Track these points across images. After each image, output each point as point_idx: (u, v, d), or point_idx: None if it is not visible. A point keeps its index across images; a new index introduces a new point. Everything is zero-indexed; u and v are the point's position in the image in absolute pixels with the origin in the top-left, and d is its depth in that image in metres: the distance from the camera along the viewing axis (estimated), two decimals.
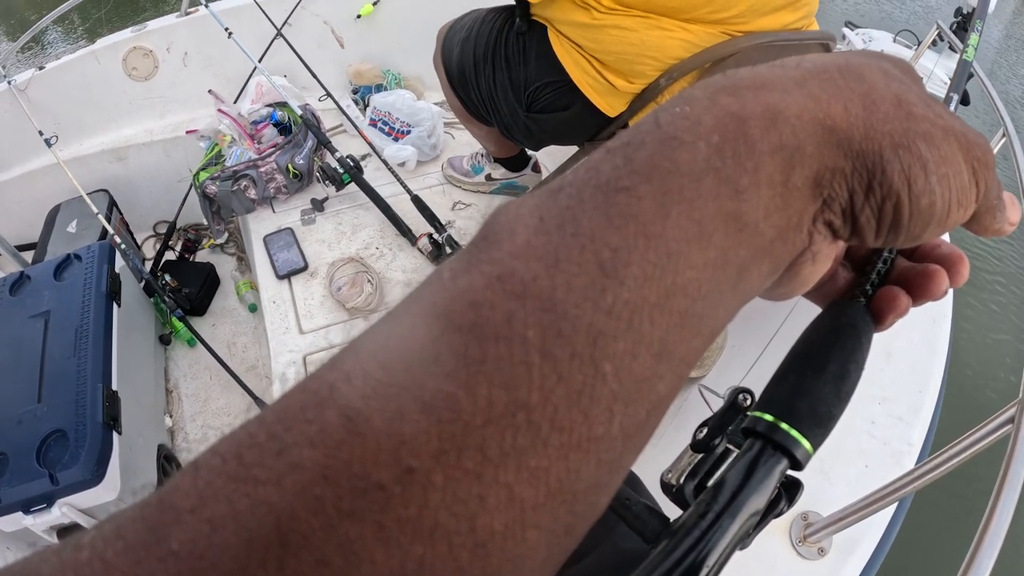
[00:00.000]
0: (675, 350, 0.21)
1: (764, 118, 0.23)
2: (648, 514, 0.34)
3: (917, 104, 0.25)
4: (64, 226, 2.23)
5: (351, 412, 0.18)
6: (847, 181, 0.25)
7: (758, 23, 1.34)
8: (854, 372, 0.30)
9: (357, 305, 1.74)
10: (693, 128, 0.23)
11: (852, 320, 0.31)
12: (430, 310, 0.20)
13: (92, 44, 2.44)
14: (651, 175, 0.22)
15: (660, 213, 0.21)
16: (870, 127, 0.24)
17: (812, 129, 0.24)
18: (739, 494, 0.27)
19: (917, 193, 0.25)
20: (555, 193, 0.22)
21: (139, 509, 0.18)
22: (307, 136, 2.15)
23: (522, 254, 0.20)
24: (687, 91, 0.25)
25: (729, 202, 0.22)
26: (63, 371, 1.52)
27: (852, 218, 0.26)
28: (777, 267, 0.25)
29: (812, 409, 0.29)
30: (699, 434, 0.33)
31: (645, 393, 0.21)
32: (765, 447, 0.28)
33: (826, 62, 0.26)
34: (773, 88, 0.24)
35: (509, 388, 0.18)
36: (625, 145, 0.23)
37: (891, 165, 0.24)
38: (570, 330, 0.19)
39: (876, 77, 0.26)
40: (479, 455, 0.18)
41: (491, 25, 1.60)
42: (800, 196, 0.24)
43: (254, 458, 0.18)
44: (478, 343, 0.19)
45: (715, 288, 0.22)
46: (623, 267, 0.20)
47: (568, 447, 0.19)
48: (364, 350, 0.20)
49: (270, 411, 0.19)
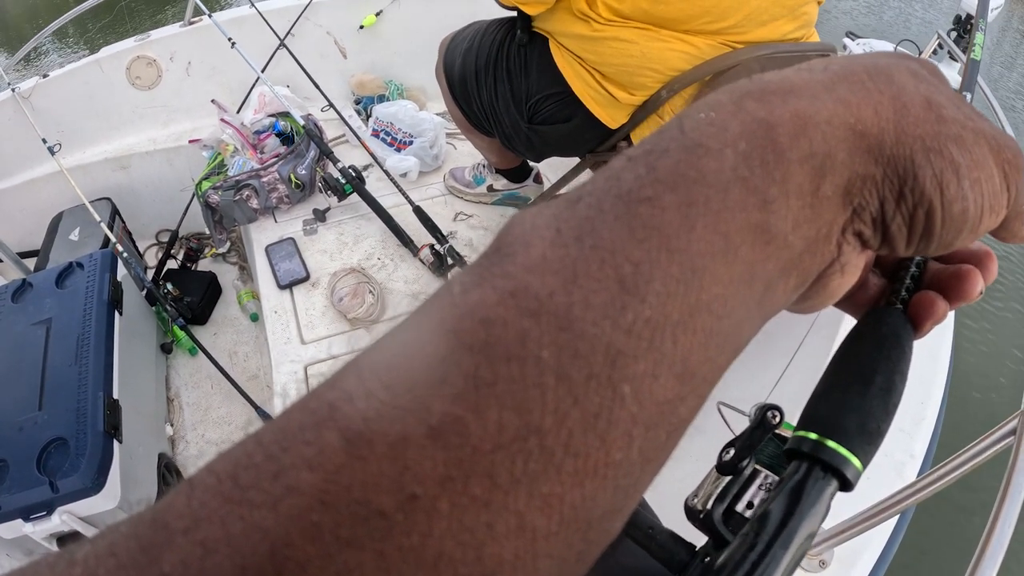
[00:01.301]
0: (698, 370, 0.20)
1: (793, 124, 0.22)
2: (674, 544, 0.33)
3: (947, 106, 0.25)
4: (66, 234, 2.23)
5: (352, 434, 0.17)
6: (878, 189, 0.24)
7: (757, 33, 1.35)
8: (900, 384, 0.29)
9: (358, 315, 1.75)
10: (719, 135, 0.22)
11: (894, 329, 0.30)
12: (438, 327, 0.19)
13: (96, 53, 2.45)
14: (676, 185, 0.21)
15: (685, 225, 0.20)
16: (901, 131, 0.23)
17: (843, 135, 0.23)
18: (789, 521, 0.25)
19: (950, 199, 0.24)
20: (573, 203, 0.21)
21: (133, 526, 0.18)
22: (309, 146, 2.15)
23: (538, 268, 0.19)
24: (711, 96, 0.24)
25: (757, 213, 0.21)
26: (64, 379, 1.52)
27: (883, 227, 0.25)
28: (804, 281, 0.24)
29: (862, 425, 0.27)
30: (725, 455, 0.31)
31: (666, 416, 0.20)
32: (812, 468, 0.26)
33: (854, 65, 0.25)
34: (801, 93, 0.24)
35: (521, 411, 0.17)
36: (648, 153, 0.22)
37: (923, 170, 0.23)
38: (587, 350, 0.18)
39: (905, 79, 0.25)
40: (488, 481, 0.17)
41: (493, 37, 1.61)
42: (830, 206, 0.23)
43: (250, 480, 0.17)
44: (489, 363, 0.18)
45: (741, 304, 0.21)
46: (645, 283, 0.19)
47: (583, 473, 0.18)
48: (367, 368, 0.19)
49: (268, 429, 0.18)
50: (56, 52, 5.86)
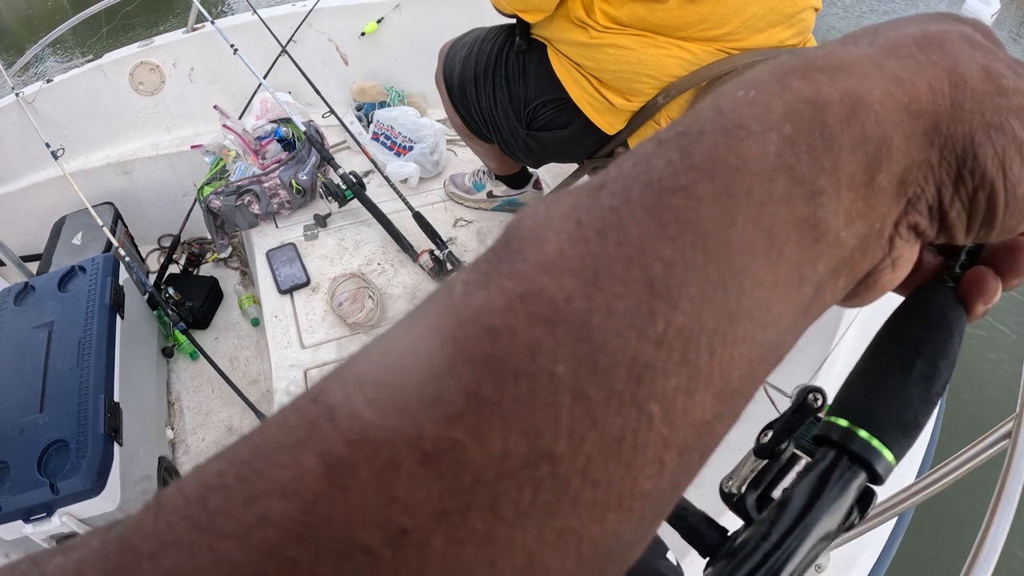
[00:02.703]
0: (738, 385, 0.18)
1: (843, 105, 0.20)
2: (706, 526, 0.30)
3: (1007, 75, 0.22)
4: (69, 238, 2.24)
5: (333, 459, 0.15)
6: (934, 173, 0.21)
7: (753, 40, 1.36)
8: (945, 370, 0.26)
9: (358, 321, 1.75)
10: (762, 115, 0.19)
11: (941, 308, 0.27)
12: (435, 334, 0.17)
13: (99, 59, 2.47)
14: (713, 172, 0.18)
15: (724, 220, 0.18)
16: (958, 107, 0.21)
17: (898, 117, 0.20)
18: (807, 513, 0.23)
19: (1014, 180, 0.21)
20: (596, 191, 0.19)
21: (103, 543, 0.16)
22: (311, 152, 2.17)
23: (553, 267, 0.17)
24: (749, 74, 0.21)
25: (804, 207, 0.19)
26: (65, 381, 1.53)
27: (940, 215, 0.22)
28: (854, 280, 0.22)
29: (898, 415, 0.25)
30: (763, 438, 0.29)
31: (702, 437, 0.17)
32: (840, 458, 0.25)
33: (902, 35, 0.23)
34: (850, 70, 0.21)
35: (530, 436, 0.15)
36: (681, 135, 0.19)
37: (983, 149, 0.21)
38: (609, 364, 0.16)
39: (959, 46, 0.22)
40: (490, 514, 0.15)
41: (492, 43, 1.62)
42: (885, 198, 0.21)
43: (218, 504, 0.15)
44: (493, 380, 0.15)
45: (787, 310, 0.19)
46: (677, 286, 0.17)
47: (605, 504, 0.16)
48: (352, 380, 0.17)
49: (244, 444, 0.16)
50: (54, 60, 5.89)
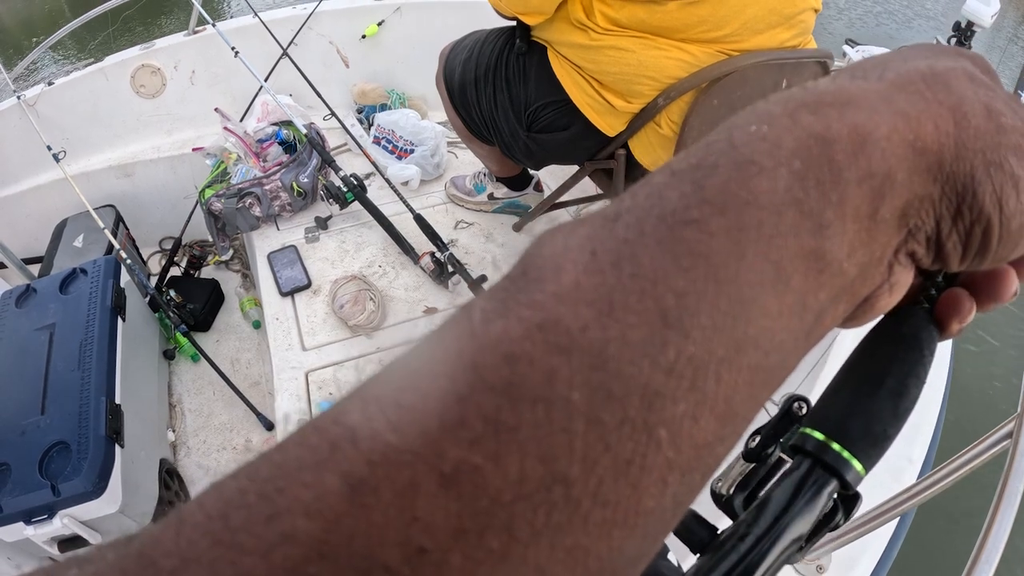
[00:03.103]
0: (740, 409, 0.19)
1: (851, 141, 0.21)
2: (696, 524, 0.31)
3: (1006, 112, 0.23)
4: (71, 240, 2.25)
5: (355, 480, 0.15)
6: (935, 208, 0.22)
7: (753, 41, 1.36)
8: (914, 387, 0.28)
9: (359, 323, 1.75)
10: (773, 151, 0.20)
11: (914, 329, 0.28)
12: (456, 360, 0.17)
13: (100, 61, 2.47)
14: (725, 206, 0.19)
15: (735, 252, 0.19)
16: (961, 145, 0.22)
17: (903, 153, 0.21)
18: (782, 517, 0.25)
19: (1008, 215, 0.23)
20: (611, 222, 0.19)
21: (120, 557, 0.16)
22: (312, 155, 2.17)
23: (570, 297, 0.18)
24: (762, 106, 0.22)
25: (811, 239, 0.20)
26: (67, 383, 1.53)
27: (938, 246, 0.23)
28: (854, 305, 0.23)
29: (866, 428, 0.27)
30: (751, 442, 0.31)
31: (704, 458, 0.18)
32: (814, 467, 0.26)
33: (910, 70, 0.24)
34: (859, 105, 0.22)
35: (546, 460, 0.16)
36: (695, 168, 0.20)
37: (982, 187, 0.22)
38: (623, 392, 0.17)
39: (963, 85, 0.23)
40: (506, 534, 0.15)
41: (492, 46, 1.62)
42: (887, 229, 0.22)
43: (241, 521, 0.15)
44: (512, 406, 0.16)
45: (789, 337, 0.20)
46: (689, 316, 0.18)
47: (612, 523, 0.17)
48: (374, 403, 0.17)
49: (264, 463, 0.17)
50: (54, 63, 5.90)
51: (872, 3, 7.28)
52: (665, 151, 1.50)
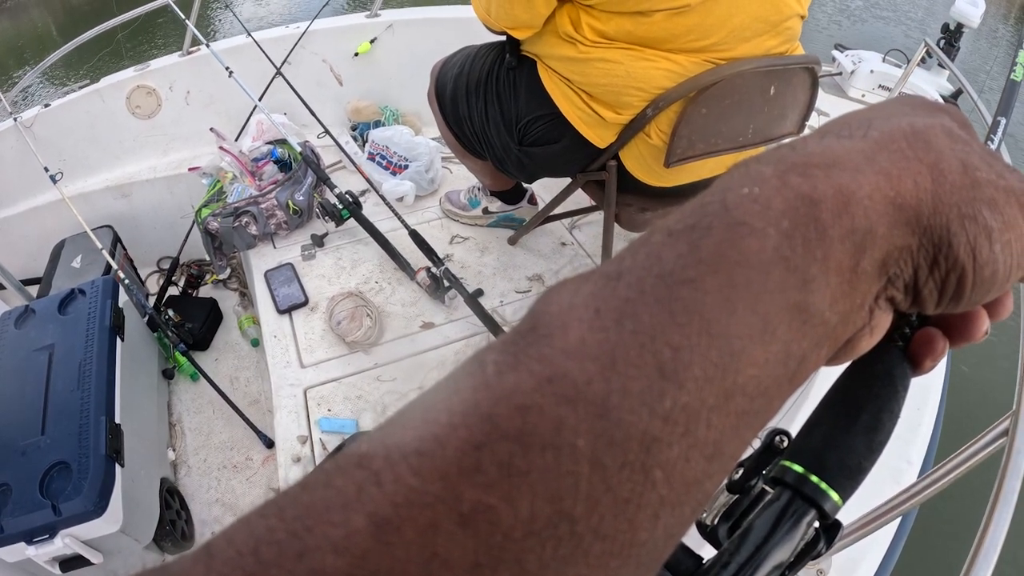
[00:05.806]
0: (728, 449, 0.20)
1: (836, 201, 0.22)
2: (682, 553, 0.33)
3: (981, 167, 0.25)
4: (69, 261, 2.26)
5: (380, 520, 0.17)
6: (913, 258, 0.24)
7: (740, 49, 1.37)
8: (888, 422, 0.30)
9: (357, 339, 1.76)
10: (763, 213, 0.22)
11: (888, 367, 0.30)
12: (473, 410, 0.19)
13: (96, 83, 2.49)
14: (718, 266, 0.21)
15: (726, 309, 0.20)
16: (938, 200, 0.24)
17: (883, 209, 0.23)
18: (763, 546, 0.27)
19: (981, 264, 0.24)
20: (612, 281, 0.21)
21: None
22: (307, 173, 2.18)
23: (576, 353, 0.19)
24: (755, 167, 0.24)
25: (796, 294, 0.21)
26: (67, 404, 1.54)
27: (914, 292, 0.25)
28: (835, 348, 0.24)
29: (842, 461, 0.29)
30: (735, 474, 0.32)
31: (693, 494, 0.20)
32: (794, 498, 0.28)
33: (893, 129, 0.25)
34: (844, 166, 0.24)
35: (553, 500, 0.17)
36: (690, 229, 0.22)
37: (957, 238, 0.24)
38: (623, 438, 0.18)
39: (942, 142, 0.25)
40: (517, 567, 0.17)
41: (483, 61, 1.64)
42: (867, 279, 0.23)
43: (272, 556, 0.16)
44: (524, 452, 0.18)
45: (774, 383, 0.21)
46: (684, 369, 0.19)
47: (610, 554, 0.18)
48: (396, 450, 0.18)
49: (290, 503, 0.18)
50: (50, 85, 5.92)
51: (859, 8, 7.34)
52: (655, 161, 1.50)
